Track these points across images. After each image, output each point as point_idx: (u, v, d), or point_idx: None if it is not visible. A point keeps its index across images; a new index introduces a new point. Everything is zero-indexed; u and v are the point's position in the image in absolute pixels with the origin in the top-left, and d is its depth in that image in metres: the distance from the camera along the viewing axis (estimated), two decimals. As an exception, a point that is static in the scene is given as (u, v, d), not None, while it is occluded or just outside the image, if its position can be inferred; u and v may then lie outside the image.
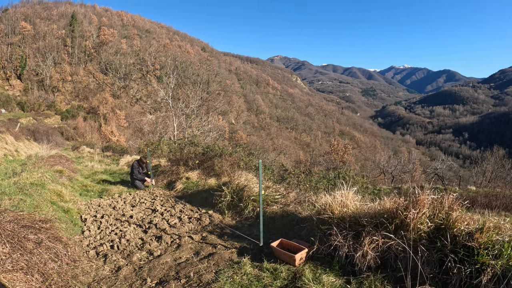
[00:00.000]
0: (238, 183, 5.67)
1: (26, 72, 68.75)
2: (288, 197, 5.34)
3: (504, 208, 10.15)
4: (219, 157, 8.05)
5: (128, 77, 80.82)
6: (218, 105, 28.45)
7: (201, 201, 6.31)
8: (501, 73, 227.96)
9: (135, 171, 8.21)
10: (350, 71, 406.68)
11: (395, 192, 4.44)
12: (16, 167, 8.08)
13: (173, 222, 5.12)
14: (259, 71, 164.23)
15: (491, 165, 22.87)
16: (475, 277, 2.50)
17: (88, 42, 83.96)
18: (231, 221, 5.10)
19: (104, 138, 39.16)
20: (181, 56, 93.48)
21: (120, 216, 5.52)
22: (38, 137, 26.54)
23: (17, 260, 2.60)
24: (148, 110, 25.63)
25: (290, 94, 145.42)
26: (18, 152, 14.25)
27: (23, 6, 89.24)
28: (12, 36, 73.48)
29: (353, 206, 3.47)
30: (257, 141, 63.96)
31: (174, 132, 18.18)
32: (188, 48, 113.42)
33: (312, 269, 3.16)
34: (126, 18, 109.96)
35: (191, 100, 20.30)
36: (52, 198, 5.68)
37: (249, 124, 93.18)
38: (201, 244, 4.10)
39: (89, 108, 67.64)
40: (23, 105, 55.68)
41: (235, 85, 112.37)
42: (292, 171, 7.41)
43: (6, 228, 2.84)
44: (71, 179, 8.32)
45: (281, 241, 3.67)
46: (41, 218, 3.47)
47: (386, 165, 31.27)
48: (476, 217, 2.87)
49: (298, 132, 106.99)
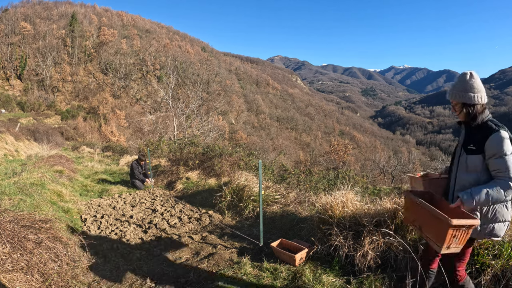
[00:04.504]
0: (238, 183, 5.67)
1: (26, 72, 68.77)
2: (288, 197, 5.34)
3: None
4: (219, 157, 8.06)
5: (128, 77, 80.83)
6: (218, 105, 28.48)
7: (201, 201, 6.31)
8: (501, 73, 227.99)
9: (135, 171, 8.21)
10: (350, 71, 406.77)
11: (395, 192, 4.43)
12: (16, 167, 8.07)
13: (173, 222, 5.12)
14: (259, 71, 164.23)
15: (491, 165, 22.85)
16: (475, 277, 2.51)
17: (88, 42, 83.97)
18: (231, 221, 5.10)
19: (104, 138, 39.18)
20: (181, 56, 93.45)
21: (120, 216, 5.52)
22: (38, 137, 26.55)
23: (17, 260, 2.60)
24: (148, 110, 25.63)
25: (290, 94, 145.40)
26: (18, 152, 14.26)
27: (23, 6, 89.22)
28: (12, 36, 73.49)
29: (353, 206, 3.47)
30: (257, 141, 63.99)
31: (174, 132, 18.19)
32: (188, 48, 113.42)
33: (312, 269, 3.16)
34: (126, 18, 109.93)
35: (191, 100, 20.31)
36: (52, 198, 5.68)
37: (249, 124, 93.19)
38: (201, 244, 4.10)
39: (89, 108, 67.65)
40: (23, 105, 55.68)
41: (235, 85, 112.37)
42: (292, 171, 7.42)
43: (6, 228, 2.84)
44: (71, 179, 8.32)
45: (281, 241, 3.67)
46: (41, 218, 3.46)
47: (386, 165, 31.29)
48: (476, 217, 2.87)
49: (298, 132, 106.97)
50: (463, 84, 2.09)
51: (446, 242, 1.92)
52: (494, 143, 1.96)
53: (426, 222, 2.09)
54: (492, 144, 1.97)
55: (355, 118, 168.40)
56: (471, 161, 2.05)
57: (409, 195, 2.26)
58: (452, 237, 1.91)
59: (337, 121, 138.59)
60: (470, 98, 2.05)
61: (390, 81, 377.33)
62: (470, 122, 2.11)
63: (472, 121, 2.09)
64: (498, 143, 1.95)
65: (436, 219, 1.95)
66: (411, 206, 2.28)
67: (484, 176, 2.04)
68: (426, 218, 2.07)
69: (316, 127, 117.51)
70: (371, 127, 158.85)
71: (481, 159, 2.03)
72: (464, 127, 2.20)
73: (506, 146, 1.94)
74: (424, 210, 2.07)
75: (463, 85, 2.09)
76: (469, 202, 1.97)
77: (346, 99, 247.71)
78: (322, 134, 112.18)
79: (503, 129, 1.99)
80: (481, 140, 2.01)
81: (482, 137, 2.01)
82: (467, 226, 1.90)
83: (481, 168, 2.04)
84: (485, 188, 1.95)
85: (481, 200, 1.95)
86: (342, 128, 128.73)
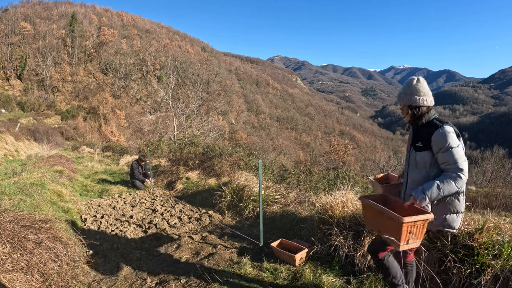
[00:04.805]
0: (238, 183, 5.67)
1: (26, 72, 68.77)
2: (288, 197, 5.34)
3: (504, 208, 10.14)
4: (219, 157, 8.06)
5: (128, 77, 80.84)
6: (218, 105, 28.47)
7: (201, 201, 6.31)
8: (501, 73, 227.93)
9: (135, 171, 8.21)
10: (350, 71, 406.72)
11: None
12: (16, 167, 8.07)
13: (173, 222, 5.12)
14: (259, 71, 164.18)
15: (491, 165, 22.83)
16: (475, 277, 2.51)
17: (88, 42, 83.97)
18: (231, 221, 5.10)
19: (104, 138, 39.17)
20: (181, 56, 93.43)
21: (120, 216, 5.52)
22: (38, 137, 26.54)
23: (17, 260, 2.60)
24: (148, 110, 25.63)
25: (290, 94, 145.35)
26: (18, 152, 14.26)
27: (23, 6, 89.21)
28: (12, 36, 73.49)
29: (353, 206, 3.47)
30: (257, 141, 63.98)
31: (174, 132, 18.19)
32: (188, 48, 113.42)
33: (312, 269, 3.16)
34: (126, 18, 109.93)
35: (191, 100, 20.31)
36: (52, 198, 5.68)
37: (249, 124, 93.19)
38: (201, 244, 4.10)
39: (89, 108, 67.65)
40: (23, 105, 55.68)
41: (235, 85, 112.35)
42: (292, 171, 7.42)
43: (6, 228, 2.84)
44: (71, 179, 8.32)
45: (281, 241, 3.67)
46: (41, 218, 3.46)
47: (386, 165, 31.24)
48: (476, 217, 2.87)
49: (298, 132, 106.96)
50: (410, 88, 2.22)
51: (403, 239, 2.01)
52: (440, 138, 2.05)
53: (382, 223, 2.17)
54: (437, 138, 2.07)
55: (355, 118, 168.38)
56: (420, 158, 2.16)
57: (364, 200, 2.33)
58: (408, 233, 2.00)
59: (337, 121, 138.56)
60: (415, 101, 2.18)
61: (390, 81, 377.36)
62: (416, 121, 2.22)
63: (417, 120, 2.21)
64: (443, 137, 2.04)
65: (390, 219, 2.04)
66: (368, 211, 2.35)
67: (433, 171, 2.13)
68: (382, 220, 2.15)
69: (316, 127, 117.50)
70: (371, 127, 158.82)
71: (429, 155, 2.13)
72: (411, 127, 2.31)
73: (451, 140, 2.03)
74: (378, 213, 2.15)
75: (410, 89, 2.22)
76: (421, 198, 2.05)
77: (346, 99, 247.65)
78: (322, 134, 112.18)
79: (447, 124, 2.09)
80: (427, 137, 2.12)
81: (428, 134, 2.12)
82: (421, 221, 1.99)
83: (429, 163, 2.13)
84: (436, 182, 2.03)
85: (433, 194, 2.03)
86: (342, 128, 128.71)
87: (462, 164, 2.01)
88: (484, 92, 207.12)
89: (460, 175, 1.99)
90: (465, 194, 2.20)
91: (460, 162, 2.00)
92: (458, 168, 2.00)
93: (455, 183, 2.00)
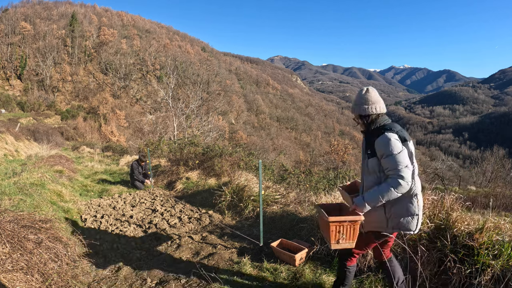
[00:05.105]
0: (238, 183, 5.67)
1: (26, 72, 68.76)
2: (288, 197, 5.34)
3: (504, 208, 10.13)
4: (219, 157, 8.05)
5: (128, 77, 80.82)
6: (218, 105, 28.48)
7: (201, 201, 6.31)
8: (501, 73, 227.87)
9: (135, 171, 8.21)
10: (350, 71, 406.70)
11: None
12: (16, 167, 8.07)
13: (173, 222, 5.12)
14: (259, 71, 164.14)
15: (491, 165, 22.81)
16: (475, 277, 2.51)
17: (88, 42, 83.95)
18: (231, 221, 5.10)
19: (104, 138, 39.15)
20: (181, 56, 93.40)
21: (120, 216, 5.52)
22: (38, 137, 26.53)
23: (17, 260, 2.60)
24: (148, 110, 25.64)
25: (290, 94, 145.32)
26: (18, 152, 14.26)
27: (23, 6, 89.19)
28: (12, 36, 73.48)
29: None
30: (257, 141, 63.96)
31: (174, 132, 18.19)
32: (188, 48, 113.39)
33: (312, 269, 3.16)
34: (126, 18, 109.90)
35: (191, 100, 20.31)
36: (52, 198, 5.67)
37: (249, 124, 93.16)
38: (201, 244, 4.10)
39: (89, 108, 67.63)
40: (23, 105, 55.67)
41: (235, 85, 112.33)
42: (292, 171, 7.42)
43: (6, 228, 2.84)
44: (71, 179, 8.32)
45: (281, 241, 3.67)
46: (41, 218, 3.46)
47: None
48: (476, 217, 2.88)
49: (298, 132, 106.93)
50: (359, 99, 2.29)
51: (333, 238, 2.15)
52: (381, 144, 2.11)
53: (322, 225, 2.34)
54: (379, 145, 2.12)
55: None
56: (371, 164, 2.21)
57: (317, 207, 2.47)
58: (337, 233, 2.14)
59: (337, 121, 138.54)
60: (364, 110, 2.24)
61: (390, 81, 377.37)
62: (367, 129, 2.29)
63: (368, 128, 2.28)
64: (384, 143, 2.09)
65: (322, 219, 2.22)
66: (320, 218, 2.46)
67: (383, 176, 2.17)
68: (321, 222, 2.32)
69: (316, 127, 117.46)
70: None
71: (377, 161, 2.18)
72: (364, 135, 2.36)
73: (392, 146, 2.06)
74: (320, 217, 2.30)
75: (359, 100, 2.28)
76: (361, 205, 2.16)
77: (346, 99, 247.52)
78: (322, 134, 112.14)
79: (390, 131, 2.13)
80: (373, 143, 2.18)
81: (373, 141, 2.18)
82: (348, 221, 2.13)
83: (378, 169, 2.18)
84: (376, 190, 2.12)
85: (373, 201, 2.12)
86: (342, 128, 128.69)
87: (403, 170, 2.02)
88: (484, 92, 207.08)
89: (399, 181, 2.01)
90: (464, 195, 2.23)
91: (400, 168, 2.02)
92: (398, 175, 2.02)
93: (394, 189, 2.03)
